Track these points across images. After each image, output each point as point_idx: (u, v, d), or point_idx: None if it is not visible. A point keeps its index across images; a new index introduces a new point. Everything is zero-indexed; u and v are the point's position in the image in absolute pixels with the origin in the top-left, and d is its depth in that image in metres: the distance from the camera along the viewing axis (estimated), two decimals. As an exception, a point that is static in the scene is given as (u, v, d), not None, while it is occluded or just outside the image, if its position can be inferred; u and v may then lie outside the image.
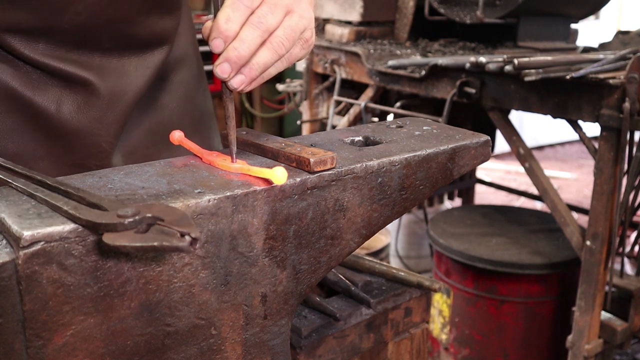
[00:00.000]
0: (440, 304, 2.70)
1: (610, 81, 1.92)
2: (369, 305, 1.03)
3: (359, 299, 1.04)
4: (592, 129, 2.14)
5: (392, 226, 3.60)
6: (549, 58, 2.09)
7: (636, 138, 2.09)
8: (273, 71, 0.88)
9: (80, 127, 1.10)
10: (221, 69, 0.81)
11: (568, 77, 1.95)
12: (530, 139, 6.53)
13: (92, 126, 1.11)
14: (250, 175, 0.76)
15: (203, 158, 0.83)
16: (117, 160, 1.15)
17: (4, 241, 0.63)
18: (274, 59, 0.86)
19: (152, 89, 1.18)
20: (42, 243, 0.60)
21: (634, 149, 2.05)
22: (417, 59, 2.58)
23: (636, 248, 2.40)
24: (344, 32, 3.03)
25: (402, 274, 1.11)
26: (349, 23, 3.09)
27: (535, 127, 6.55)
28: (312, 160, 0.77)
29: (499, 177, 5.94)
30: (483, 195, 5.29)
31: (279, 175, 0.72)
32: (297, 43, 0.88)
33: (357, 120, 2.88)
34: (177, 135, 0.88)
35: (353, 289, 1.05)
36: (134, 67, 1.14)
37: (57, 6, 1.02)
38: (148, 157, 1.15)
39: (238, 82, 0.83)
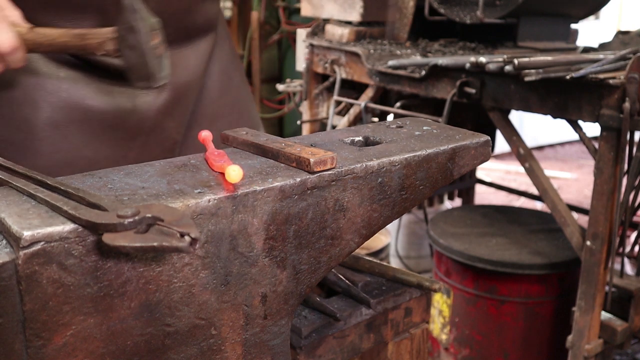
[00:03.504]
0: (440, 304, 2.69)
1: (611, 81, 1.92)
2: (369, 305, 1.03)
3: (359, 299, 1.04)
4: (592, 129, 2.14)
5: (392, 226, 3.60)
6: (549, 58, 2.08)
7: (636, 138, 2.09)
8: None
9: (155, 123, 1.13)
10: None
11: (568, 77, 1.95)
12: (530, 139, 6.52)
13: (164, 120, 1.14)
14: (222, 174, 0.76)
15: (206, 157, 0.83)
16: (185, 150, 1.19)
17: (4, 241, 0.63)
18: None
19: (204, 74, 1.21)
20: (42, 243, 0.60)
21: (634, 149, 2.04)
22: (417, 59, 2.58)
23: (636, 248, 2.40)
24: (344, 32, 3.03)
25: (402, 274, 1.11)
26: (349, 23, 3.09)
27: (535, 127, 6.55)
28: (312, 160, 0.77)
29: (499, 177, 5.94)
30: (483, 195, 5.29)
31: (231, 174, 0.71)
32: None
33: (357, 120, 2.88)
34: (204, 135, 0.88)
35: (353, 288, 1.05)
36: (193, 57, 1.18)
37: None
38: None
39: None
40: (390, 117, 2.94)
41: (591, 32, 5.41)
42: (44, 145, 1.07)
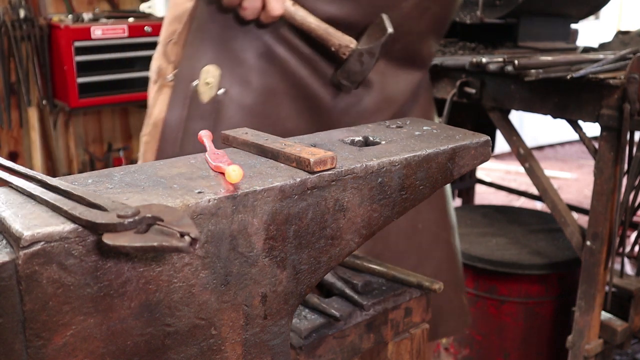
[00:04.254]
0: (440, 304, 2.69)
1: (611, 81, 1.92)
2: (362, 308, 1.03)
3: (353, 302, 1.04)
4: (592, 129, 2.14)
5: (392, 226, 3.59)
6: (549, 58, 2.08)
7: (636, 138, 2.09)
8: None
9: (349, 121, 1.17)
10: None
11: (568, 77, 1.95)
12: (530, 139, 6.52)
13: (359, 123, 1.18)
14: (222, 173, 0.76)
15: (206, 158, 0.83)
16: None
17: (4, 241, 0.63)
18: None
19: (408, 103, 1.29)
20: (42, 243, 0.60)
21: (634, 149, 2.04)
22: (417, 59, 2.58)
23: (636, 248, 2.40)
24: (344, 32, 3.03)
25: (402, 273, 1.11)
26: (349, 23, 3.08)
27: (535, 127, 6.55)
28: (312, 160, 0.77)
29: (499, 177, 5.94)
30: (483, 195, 5.29)
31: (231, 174, 0.72)
32: None
33: (357, 120, 2.87)
34: (203, 134, 0.89)
35: (347, 291, 1.05)
36: (403, 80, 1.23)
37: (383, 4, 1.10)
38: None
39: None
40: (390, 117, 2.94)
41: (591, 32, 5.41)
42: (254, 78, 1.21)
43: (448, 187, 1.47)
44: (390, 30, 1.09)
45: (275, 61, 1.21)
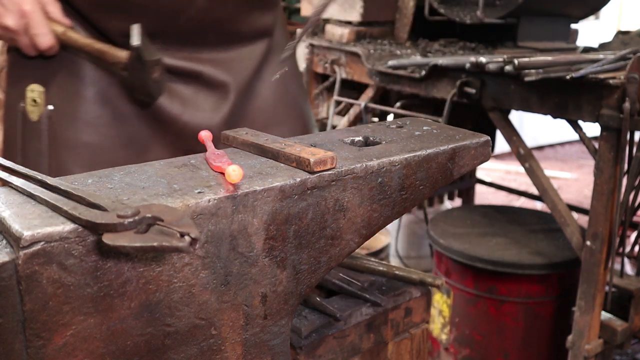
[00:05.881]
0: (440, 304, 2.69)
1: (610, 81, 1.92)
2: (379, 304, 1.03)
3: (370, 302, 1.04)
4: (592, 129, 2.14)
5: (392, 226, 3.60)
6: (549, 58, 2.08)
7: (636, 138, 2.09)
8: None
9: (191, 117, 1.16)
10: None
11: (568, 77, 1.95)
12: (530, 139, 6.52)
13: (203, 115, 1.17)
14: (222, 174, 0.76)
15: (205, 158, 0.84)
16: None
17: (4, 241, 0.63)
18: None
19: (253, 78, 1.23)
20: (42, 243, 0.60)
21: (634, 149, 2.04)
22: (417, 59, 2.58)
23: (636, 248, 2.40)
24: (344, 32, 3.03)
25: (404, 272, 1.11)
26: (349, 23, 3.08)
27: (535, 127, 6.55)
28: (312, 160, 0.77)
29: (499, 177, 5.94)
30: (483, 195, 5.29)
31: (231, 174, 0.72)
32: None
33: (357, 120, 2.88)
34: (203, 134, 0.89)
35: (358, 289, 1.05)
36: (238, 59, 1.21)
37: (172, 13, 1.12)
38: None
39: None
40: (390, 117, 2.94)
41: (591, 32, 5.41)
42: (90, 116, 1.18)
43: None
44: (135, 43, 1.06)
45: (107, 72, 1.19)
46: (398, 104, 2.74)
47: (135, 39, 1.06)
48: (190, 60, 1.17)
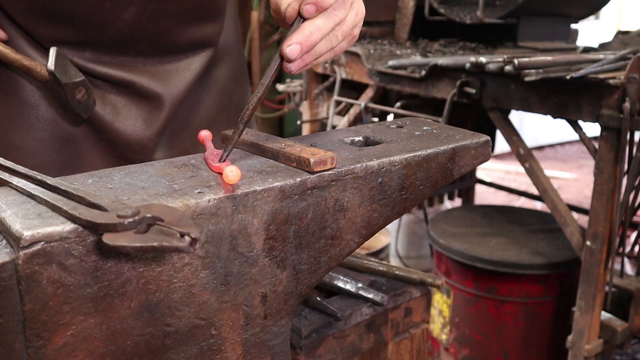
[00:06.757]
0: (440, 304, 2.69)
1: (610, 81, 1.92)
2: (379, 304, 1.03)
3: (372, 302, 1.04)
4: (592, 129, 2.14)
5: (392, 226, 3.60)
6: (549, 58, 2.09)
7: (636, 138, 2.09)
8: (320, 60, 0.89)
9: (123, 126, 1.15)
10: (292, 51, 0.82)
11: (568, 77, 1.95)
12: (530, 139, 6.53)
13: (134, 124, 1.16)
14: (220, 174, 0.76)
15: (205, 158, 0.84)
16: (159, 156, 1.21)
17: (4, 241, 0.63)
18: (328, 50, 0.87)
19: (195, 87, 1.22)
20: (42, 243, 0.60)
21: (634, 149, 2.04)
22: (417, 59, 2.58)
23: (636, 248, 2.40)
24: (344, 32, 3.02)
25: (404, 271, 1.11)
26: (349, 23, 3.08)
27: (535, 127, 6.55)
28: (312, 160, 0.77)
29: (499, 177, 5.94)
30: (483, 195, 5.29)
31: (229, 175, 0.71)
32: (346, 38, 0.90)
33: (357, 120, 2.88)
34: (203, 134, 0.89)
35: (350, 288, 1.05)
36: (175, 70, 1.20)
37: (99, 25, 1.11)
38: (186, 152, 1.20)
39: (296, 66, 0.84)
40: (390, 117, 2.94)
41: (591, 32, 5.41)
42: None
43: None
44: (49, 67, 1.07)
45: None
46: (398, 104, 2.74)
47: (50, 62, 1.07)
48: (123, 69, 1.15)
